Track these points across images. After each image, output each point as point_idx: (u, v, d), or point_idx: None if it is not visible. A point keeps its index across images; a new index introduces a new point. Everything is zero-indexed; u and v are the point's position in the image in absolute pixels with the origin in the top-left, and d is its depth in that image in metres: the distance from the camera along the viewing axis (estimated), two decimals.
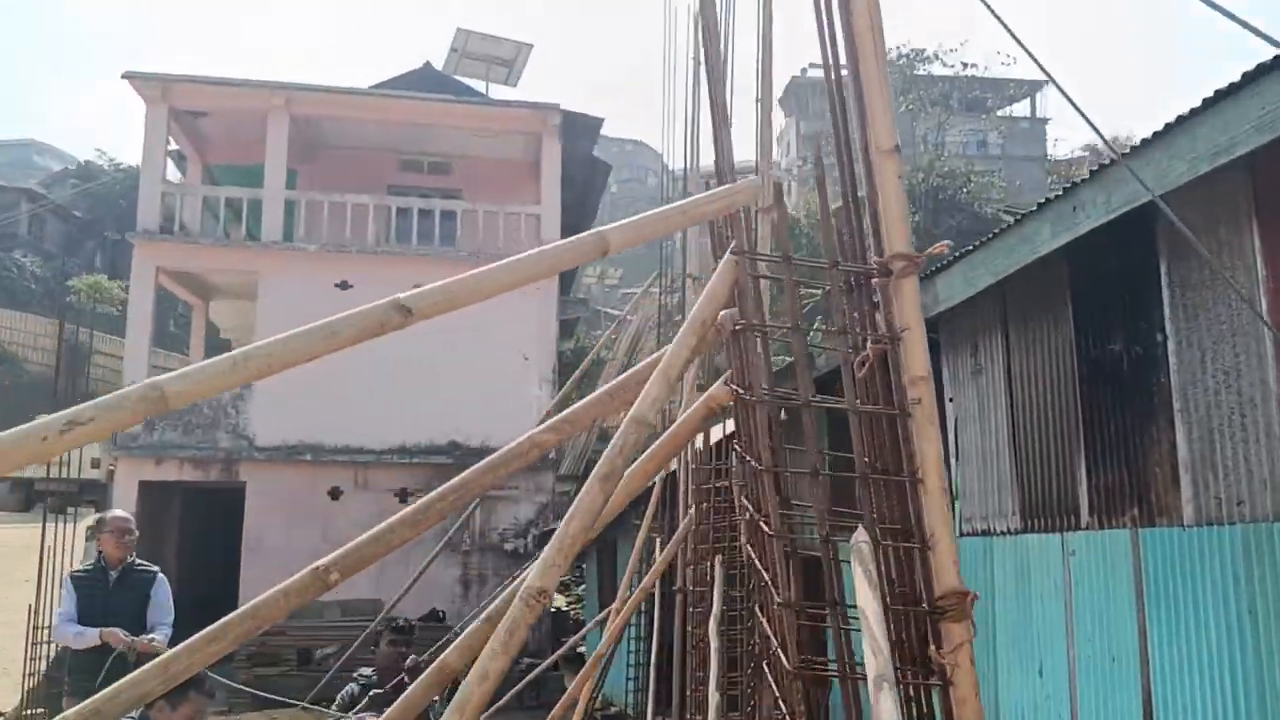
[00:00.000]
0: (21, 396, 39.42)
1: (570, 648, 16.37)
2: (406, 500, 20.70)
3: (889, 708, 2.28)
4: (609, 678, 13.03)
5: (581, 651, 16.04)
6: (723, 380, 3.22)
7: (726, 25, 10.20)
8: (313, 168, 22.97)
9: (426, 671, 3.28)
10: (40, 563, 14.48)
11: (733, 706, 8.39)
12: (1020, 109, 54.01)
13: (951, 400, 7.64)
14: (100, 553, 7.63)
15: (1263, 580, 5.20)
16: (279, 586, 2.59)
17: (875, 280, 2.71)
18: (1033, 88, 53.43)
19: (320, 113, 22.05)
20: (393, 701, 3.66)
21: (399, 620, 6.62)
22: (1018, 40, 3.18)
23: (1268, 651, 5.16)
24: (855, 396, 2.75)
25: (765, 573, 2.95)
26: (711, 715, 7.96)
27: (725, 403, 3.19)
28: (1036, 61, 3.21)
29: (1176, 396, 5.90)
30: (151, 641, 7.16)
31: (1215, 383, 5.63)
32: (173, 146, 22.47)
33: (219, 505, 21.40)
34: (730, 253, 2.76)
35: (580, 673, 7.26)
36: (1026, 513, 7.04)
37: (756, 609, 3.15)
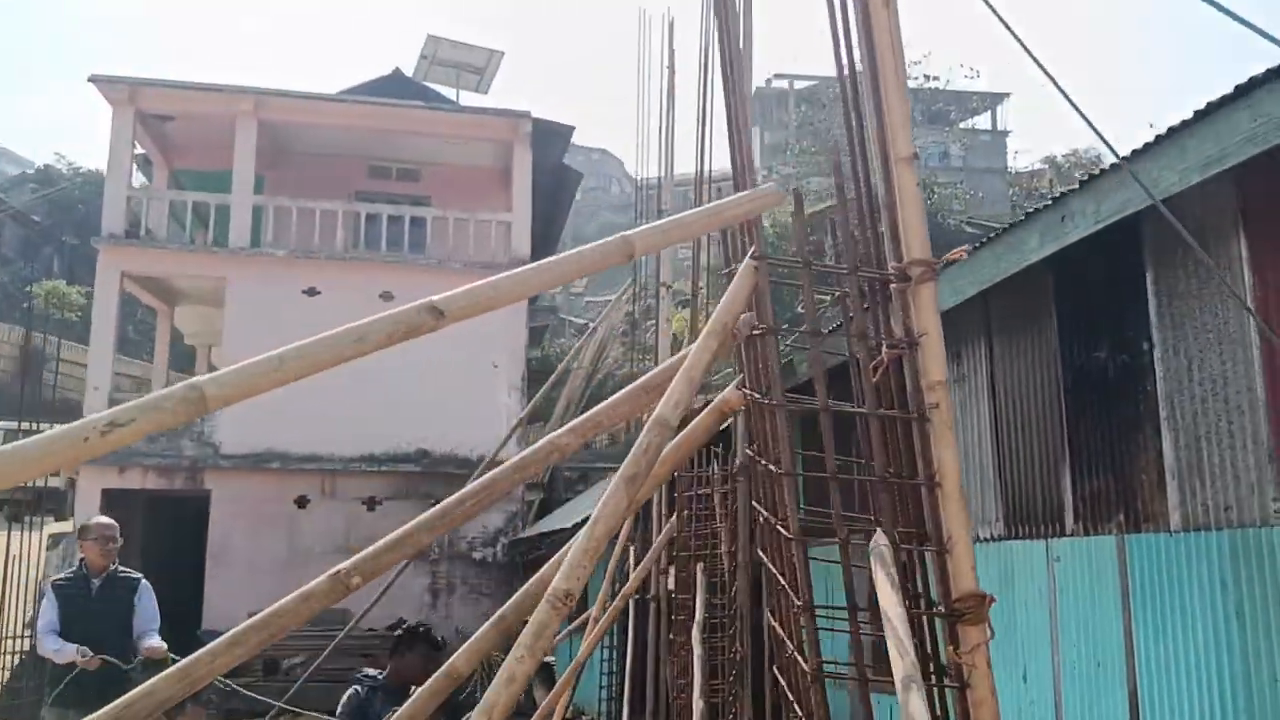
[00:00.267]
0: None
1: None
2: (374, 509, 20.57)
3: (918, 706, 2.28)
4: (580, 686, 12.99)
5: (549, 661, 15.96)
6: (734, 385, 3.21)
7: (707, 32, 10.24)
8: (280, 173, 22.80)
9: (434, 676, 3.26)
10: (3, 573, 14.26)
11: (715, 713, 8.40)
12: (982, 121, 54.48)
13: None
14: (82, 560, 7.49)
15: (1250, 584, 5.25)
16: (299, 591, 2.56)
17: (893, 285, 2.72)
18: (994, 101, 53.89)
19: (289, 118, 21.89)
20: None
21: (423, 626, 6.48)
22: (1022, 44, 3.20)
23: (1255, 654, 5.21)
24: (875, 401, 2.75)
25: (781, 577, 2.94)
26: None
27: (736, 408, 3.18)
28: (1038, 63, 3.23)
29: (1163, 404, 5.95)
30: (153, 648, 7.13)
31: (1202, 390, 5.68)
32: (138, 151, 22.24)
33: (183, 514, 21.16)
34: (750, 257, 2.75)
35: (559, 683, 7.20)
36: (1010, 520, 7.08)
37: (767, 612, 3.13)
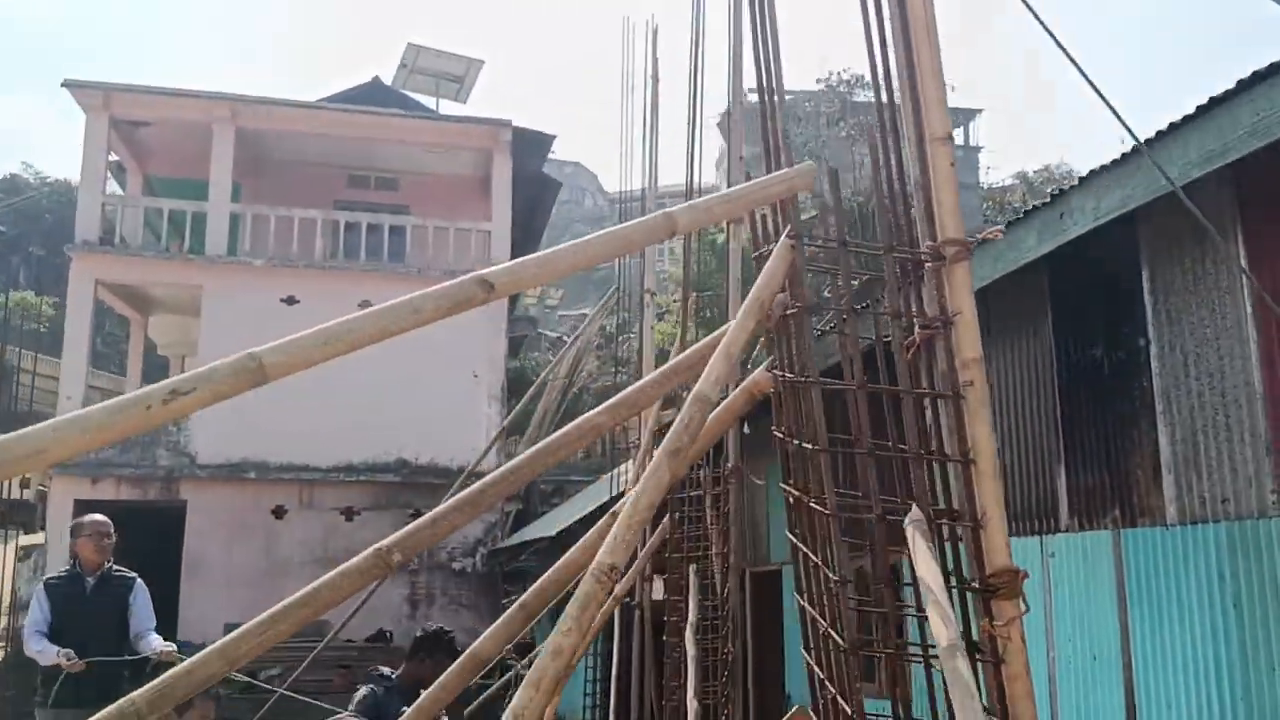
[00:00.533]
0: None
1: (526, 665, 16.27)
2: (353, 519, 20.47)
3: (964, 670, 2.30)
4: (564, 694, 12.96)
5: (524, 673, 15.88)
6: (764, 366, 3.23)
7: (698, 38, 10.29)
8: (257, 182, 22.71)
9: (459, 659, 3.26)
10: None
11: (709, 714, 8.42)
12: (955, 136, 54.96)
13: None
14: (75, 559, 7.41)
15: (1248, 575, 5.31)
16: (340, 568, 2.56)
17: (928, 265, 2.75)
18: (966, 116, 54.33)
19: (266, 126, 21.81)
20: None
21: (447, 634, 6.42)
22: (1053, 37, 3.24)
23: (1253, 645, 5.27)
24: (909, 380, 2.77)
25: (813, 555, 2.95)
26: None
27: (766, 389, 3.20)
28: (1067, 54, 3.27)
29: (1159, 399, 6.01)
30: (169, 652, 7.12)
31: (1199, 385, 5.74)
32: (112, 158, 22.09)
33: (158, 524, 20.98)
34: (786, 237, 2.78)
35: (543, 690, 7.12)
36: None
37: (796, 595, 3.15)
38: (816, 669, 3.04)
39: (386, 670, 6.17)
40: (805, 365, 2.83)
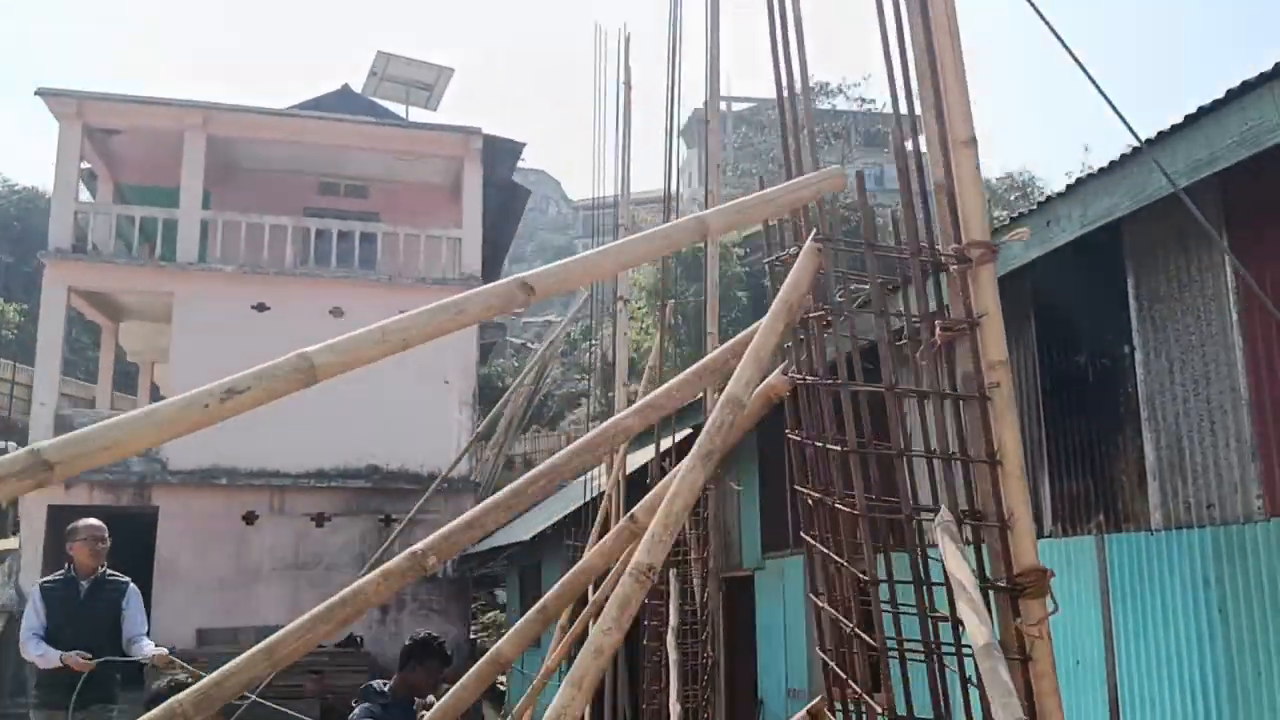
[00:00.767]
0: None
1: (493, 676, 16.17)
2: (323, 525, 20.39)
3: (1000, 668, 2.34)
4: (544, 695, 12.92)
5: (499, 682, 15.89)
6: (780, 370, 3.27)
7: (674, 46, 10.34)
8: (227, 189, 22.61)
9: (480, 662, 3.28)
10: None
11: (689, 717, 8.47)
12: (921, 143, 55.33)
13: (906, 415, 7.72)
14: (69, 563, 7.39)
15: (1234, 580, 5.39)
16: (379, 570, 2.58)
17: (953, 268, 2.79)
18: None
19: (237, 133, 21.73)
20: None
21: (437, 639, 6.35)
22: (1058, 37, 3.30)
23: (1238, 648, 5.35)
24: (936, 382, 2.82)
25: (836, 556, 2.99)
26: None
27: (782, 392, 3.23)
28: (1076, 60, 3.33)
29: (1144, 405, 6.10)
30: (163, 656, 7.12)
31: (1184, 391, 5.83)
32: (83, 165, 21.92)
33: (131, 530, 20.77)
34: (812, 239, 2.82)
35: (526, 694, 7.16)
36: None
37: (814, 597, 3.18)
38: (839, 670, 3.08)
39: (379, 684, 6.12)
40: (837, 367, 2.88)
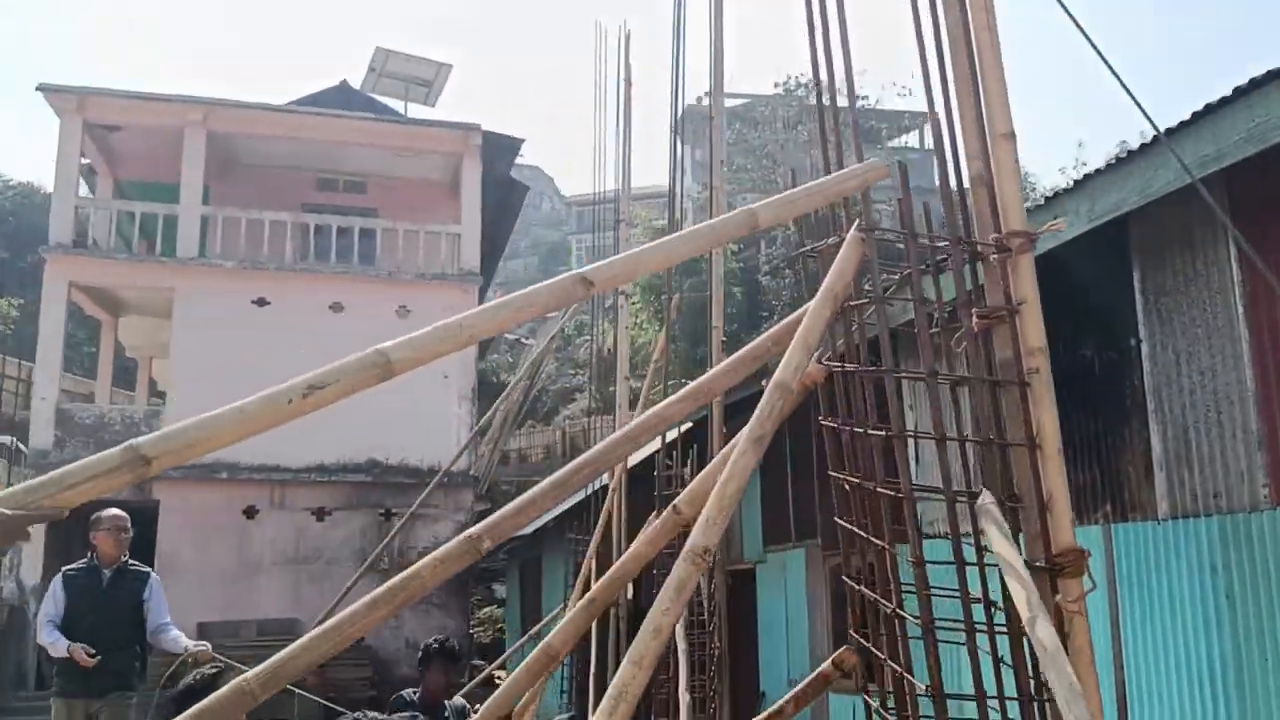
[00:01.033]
0: None
1: (496, 668, 16.33)
2: (324, 519, 20.44)
3: (1050, 634, 2.45)
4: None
5: (499, 673, 15.96)
6: (816, 358, 3.36)
7: (679, 44, 10.44)
8: (226, 185, 22.62)
9: (532, 655, 3.38)
10: None
11: (699, 708, 8.59)
12: (912, 139, 55.34)
13: (911, 408, 7.86)
14: (92, 552, 7.50)
15: (1240, 567, 5.51)
16: (434, 554, 2.68)
17: (993, 256, 2.90)
18: (924, 119, 54.76)
19: (238, 129, 21.76)
20: None
21: (448, 641, 6.46)
22: (1080, 28, 3.40)
23: (1245, 635, 5.46)
24: (976, 368, 2.92)
25: (879, 541, 3.09)
26: (683, 715, 8.14)
27: (818, 379, 3.33)
28: (1098, 51, 3.43)
29: (1150, 397, 6.22)
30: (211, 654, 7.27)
31: (1191, 383, 5.95)
32: (83, 161, 21.94)
33: (131, 524, 20.82)
34: (855, 229, 2.92)
35: (528, 694, 7.25)
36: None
37: (845, 579, 3.29)
38: (875, 651, 3.18)
39: (409, 693, 6.24)
40: (862, 353, 2.98)
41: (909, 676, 2.94)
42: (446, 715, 6.16)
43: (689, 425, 10.44)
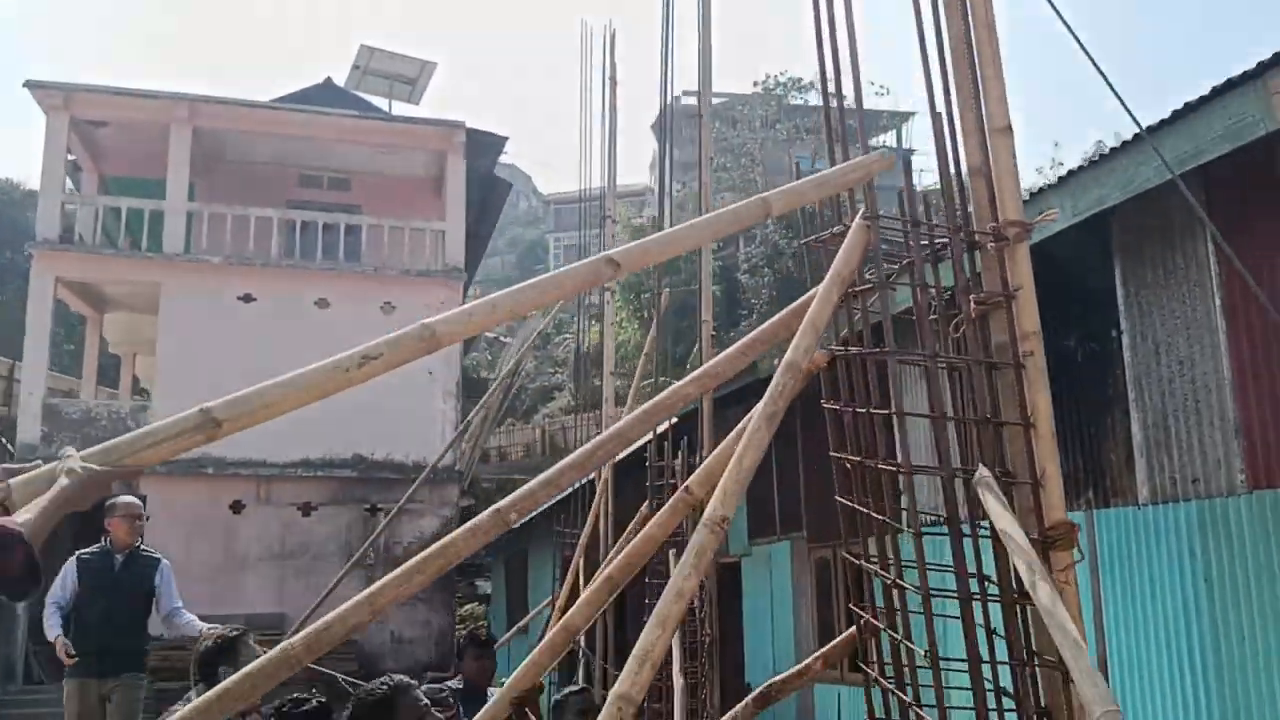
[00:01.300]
0: None
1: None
2: (310, 514, 20.49)
3: (1049, 593, 2.62)
4: None
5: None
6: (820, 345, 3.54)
7: (668, 41, 10.59)
8: (210, 181, 22.65)
9: (552, 633, 3.54)
10: None
11: (691, 691, 8.78)
12: (889, 139, 55.58)
13: (909, 393, 7.99)
14: (106, 537, 7.71)
15: (1218, 550, 5.71)
16: (467, 525, 2.83)
17: (991, 245, 3.07)
18: (901, 119, 55.01)
19: (223, 126, 21.76)
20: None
21: (481, 631, 6.60)
22: (1067, 25, 3.58)
23: (1223, 615, 5.66)
24: (973, 350, 3.10)
25: (876, 514, 3.26)
26: (677, 699, 8.33)
27: (821, 364, 3.50)
28: (1083, 48, 3.61)
29: (1131, 387, 6.42)
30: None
31: (1169, 372, 6.15)
32: (69, 157, 21.91)
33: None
34: (861, 218, 3.09)
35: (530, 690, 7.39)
36: (974, 504, 7.47)
37: (846, 555, 3.45)
38: (874, 621, 3.35)
39: (452, 683, 6.34)
40: (884, 338, 3.15)
41: (908, 643, 3.12)
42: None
43: (675, 420, 10.59)
